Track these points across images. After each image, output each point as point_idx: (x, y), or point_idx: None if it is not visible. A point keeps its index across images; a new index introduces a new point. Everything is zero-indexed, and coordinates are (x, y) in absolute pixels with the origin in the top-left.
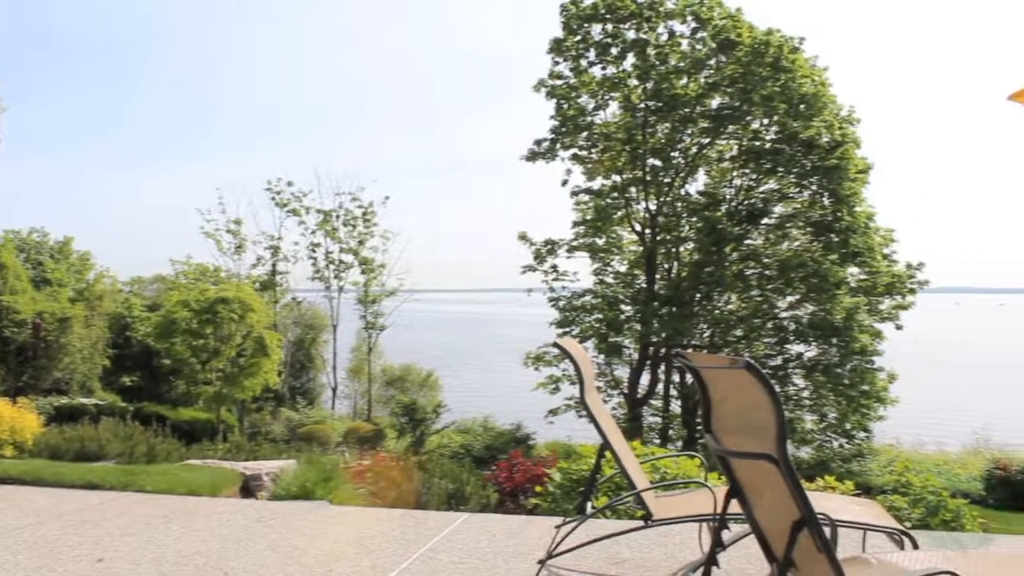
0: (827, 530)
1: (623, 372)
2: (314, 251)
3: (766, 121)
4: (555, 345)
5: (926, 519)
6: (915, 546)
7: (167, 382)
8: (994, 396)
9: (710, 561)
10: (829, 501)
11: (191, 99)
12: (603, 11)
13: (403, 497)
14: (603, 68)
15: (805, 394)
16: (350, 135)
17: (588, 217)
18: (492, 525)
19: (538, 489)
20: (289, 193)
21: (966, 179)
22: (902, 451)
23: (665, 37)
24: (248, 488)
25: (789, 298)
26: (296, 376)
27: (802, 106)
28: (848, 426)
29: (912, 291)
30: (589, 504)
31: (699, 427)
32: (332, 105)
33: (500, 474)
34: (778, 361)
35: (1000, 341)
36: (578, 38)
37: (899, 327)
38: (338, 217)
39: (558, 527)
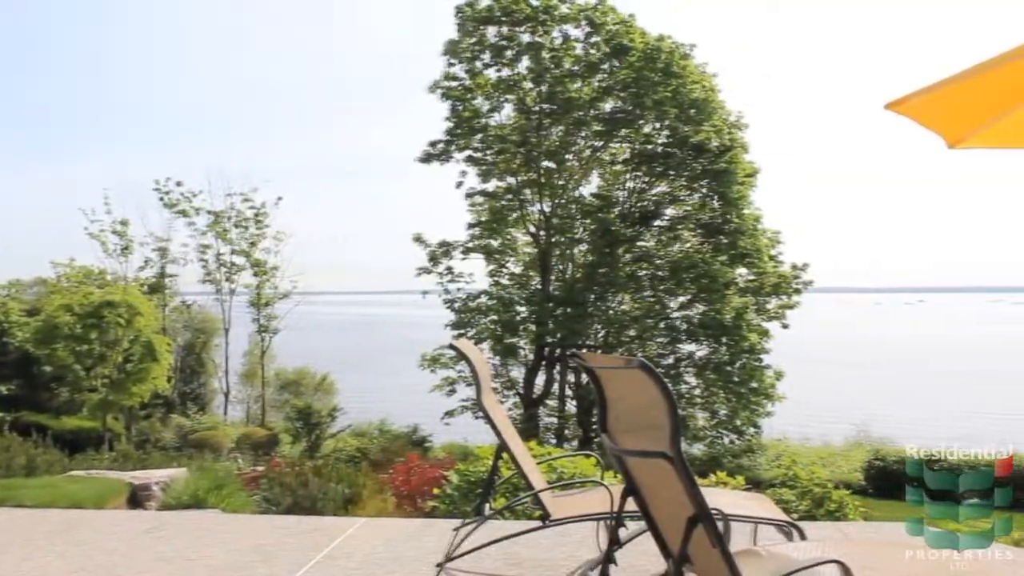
0: (720, 524)
1: (519, 373)
2: (205, 253)
3: (658, 125)
4: (451, 347)
5: (812, 510)
6: (803, 537)
7: (48, 390)
8: (879, 391)
9: (608, 559)
10: (722, 496)
11: (75, 97)
12: (498, 14)
13: (299, 503)
14: (498, 70)
15: (697, 392)
16: (242, 136)
17: (483, 219)
18: (389, 529)
19: (436, 492)
20: (178, 193)
21: (873, 184)
22: (789, 445)
23: (560, 41)
24: (136, 499)
25: (680, 298)
26: (187, 381)
27: (692, 111)
28: (738, 422)
29: (798, 291)
30: (487, 506)
31: (595, 426)
32: (223, 105)
33: (397, 477)
34: (670, 360)
35: (892, 339)
36: (473, 40)
37: (785, 326)
38: (229, 218)
39: (456, 529)
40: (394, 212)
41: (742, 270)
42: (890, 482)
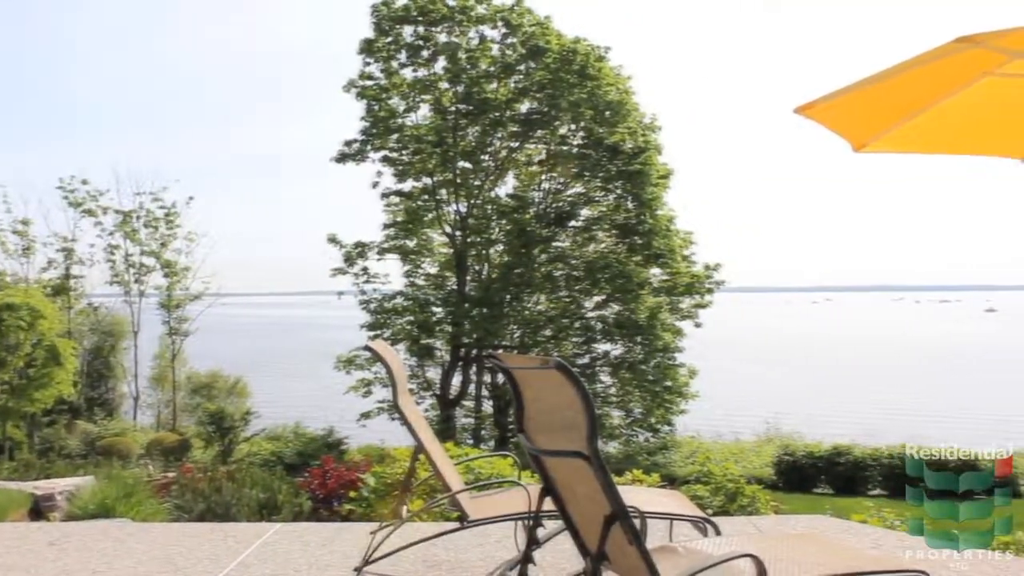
0: (637, 522)
1: (435, 374)
2: (112, 254)
3: (573, 126)
4: (366, 348)
5: (726, 505)
6: (717, 532)
7: None
8: (789, 387)
9: (526, 559)
10: (638, 494)
11: None
12: (414, 13)
13: (212, 509)
14: (414, 70)
15: (612, 391)
16: (152, 135)
17: (399, 219)
18: (305, 534)
19: (352, 495)
20: (84, 192)
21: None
22: (703, 442)
23: (476, 41)
24: (39, 510)
25: (596, 298)
26: (94, 386)
27: (607, 113)
28: (653, 420)
29: (710, 290)
30: (404, 508)
31: (512, 427)
32: (133, 103)
33: (313, 481)
34: (586, 360)
35: (800, 337)
36: (389, 39)
37: (698, 325)
38: (138, 218)
39: (373, 533)
40: (310, 212)
41: (656, 270)
42: (799, 476)
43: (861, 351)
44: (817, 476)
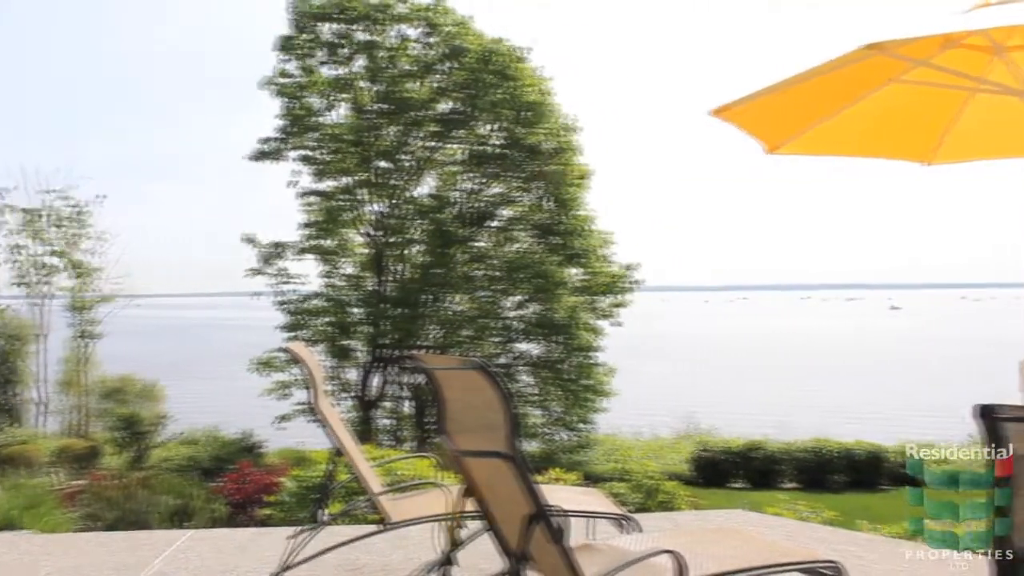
0: (558, 521)
1: (354, 375)
2: (17, 254)
3: (493, 127)
4: (284, 350)
5: (645, 502)
6: (638, 529)
7: None
8: (705, 384)
9: (447, 560)
10: (558, 492)
11: None
12: (333, 11)
13: (124, 517)
14: (333, 68)
15: (532, 390)
16: (60, 133)
17: (317, 219)
18: (221, 540)
19: (270, 499)
20: None
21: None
22: (622, 440)
23: (396, 40)
24: None
25: (515, 298)
26: None
27: (527, 113)
28: (572, 419)
29: (629, 290)
30: (323, 511)
31: (432, 427)
32: (40, 101)
33: (229, 486)
34: (505, 359)
35: (717, 335)
36: (307, 37)
37: (618, 324)
38: (45, 217)
39: (291, 537)
40: (225, 212)
41: (575, 270)
42: (715, 471)
43: (774, 348)
44: (733, 471)
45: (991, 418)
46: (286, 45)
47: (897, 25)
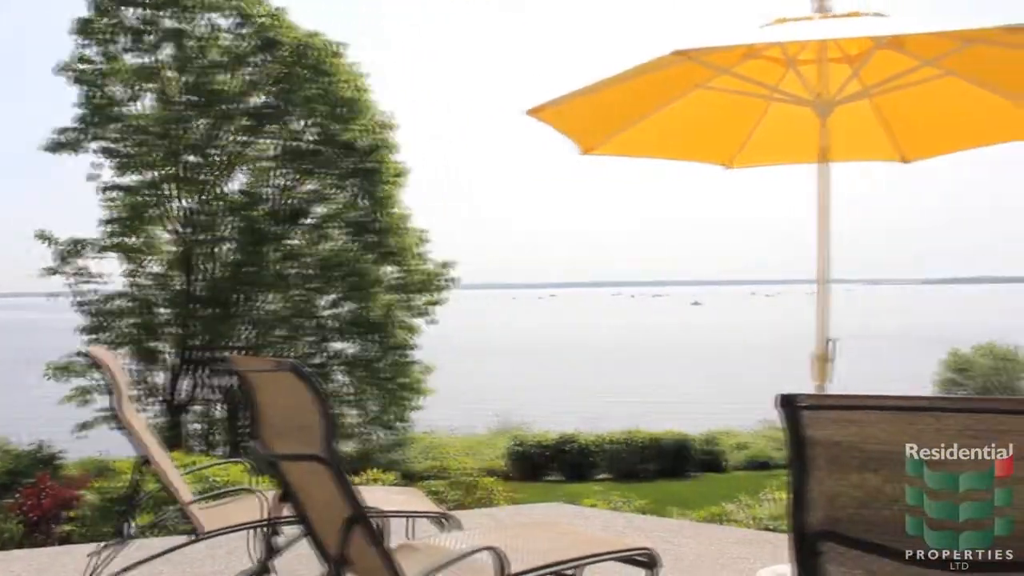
0: (377, 522)
1: (162, 378)
2: None
3: (307, 122)
4: (84, 354)
5: (464, 499)
6: (458, 527)
7: None
8: (518, 379)
9: (263, 568)
10: (376, 493)
11: None
12: None
13: None
14: (138, 56)
15: (347, 390)
16: None
17: (120, 215)
18: (17, 562)
19: (71, 514)
20: None
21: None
22: (439, 438)
23: (206, 30)
24: None
25: (329, 296)
26: None
27: (343, 109)
28: (389, 418)
29: (444, 288)
30: (129, 525)
31: (246, 431)
32: None
33: (25, 502)
34: (320, 359)
35: (527, 331)
36: (109, 20)
37: (433, 322)
38: None
39: (93, 554)
40: (14, 206)
41: (390, 268)
42: (531, 465)
43: (585, 343)
44: (548, 464)
45: (791, 406)
46: (85, 29)
47: (704, 33)
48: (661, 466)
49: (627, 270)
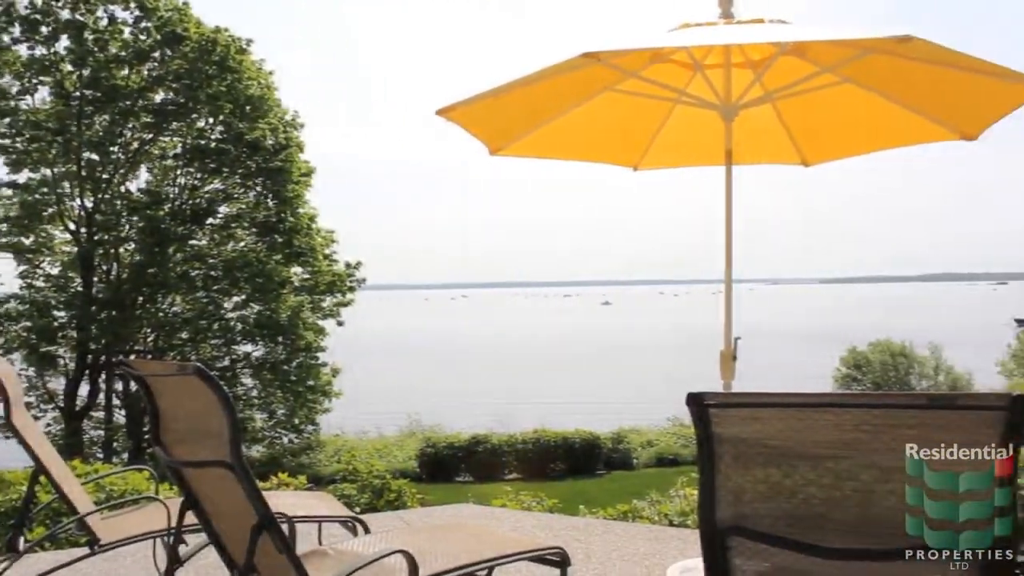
0: (285, 528)
1: (59, 384)
2: None
3: (212, 120)
4: None
5: (374, 502)
6: (367, 530)
7: None
8: (429, 380)
9: None
10: (285, 498)
11: None
12: None
13: None
14: (31, 48)
15: (254, 393)
16: None
17: (12, 214)
18: None
19: None
20: None
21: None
22: (348, 440)
23: (105, 22)
24: None
25: (236, 298)
26: None
27: (248, 108)
28: (297, 421)
29: (352, 288)
30: (22, 539)
31: (148, 438)
32: None
33: None
34: (226, 362)
35: (439, 332)
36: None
37: (340, 323)
38: None
39: None
40: None
41: (297, 269)
42: (442, 466)
43: (498, 344)
44: (458, 465)
45: (699, 405)
46: None
47: (613, 37)
48: (571, 465)
49: (538, 271)
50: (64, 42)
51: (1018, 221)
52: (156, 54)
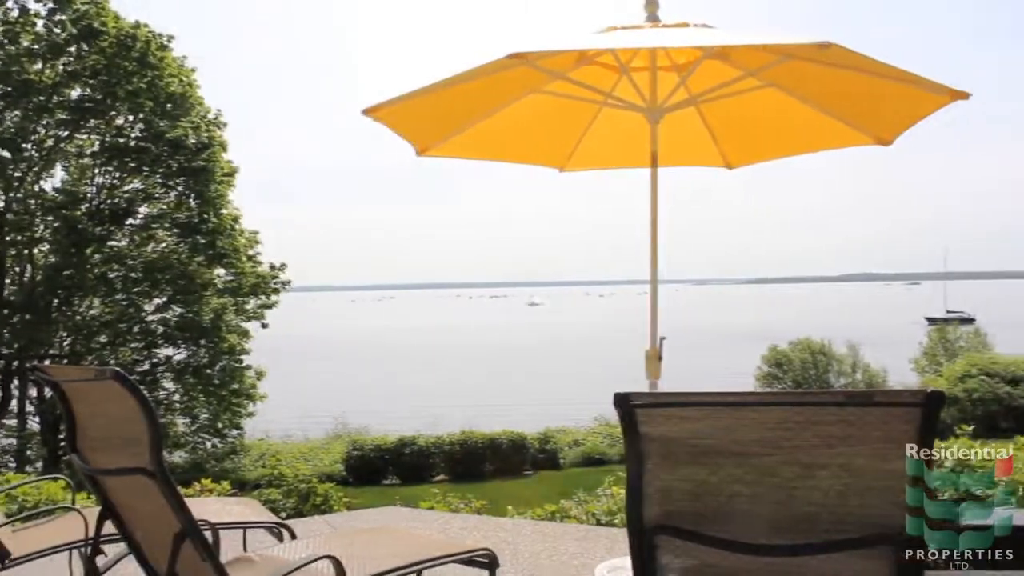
0: (208, 535)
1: None
2: None
3: (131, 118)
4: None
5: (300, 506)
6: (293, 536)
7: None
8: (355, 382)
9: None
10: (208, 505)
11: None
12: None
13: None
14: None
15: (176, 397)
16: None
17: None
18: None
19: None
20: None
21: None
22: (272, 444)
23: (16, 13)
24: None
25: (156, 300)
26: None
27: (169, 105)
28: (220, 425)
29: (276, 290)
30: None
31: (64, 445)
32: None
33: None
34: (147, 366)
35: (366, 333)
36: None
37: (265, 326)
38: None
39: None
40: None
41: (220, 270)
42: (369, 469)
43: (426, 345)
44: (386, 468)
45: (626, 405)
46: None
47: (540, 38)
48: (498, 466)
49: (465, 272)
50: None
51: (930, 224)
52: (72, 48)
